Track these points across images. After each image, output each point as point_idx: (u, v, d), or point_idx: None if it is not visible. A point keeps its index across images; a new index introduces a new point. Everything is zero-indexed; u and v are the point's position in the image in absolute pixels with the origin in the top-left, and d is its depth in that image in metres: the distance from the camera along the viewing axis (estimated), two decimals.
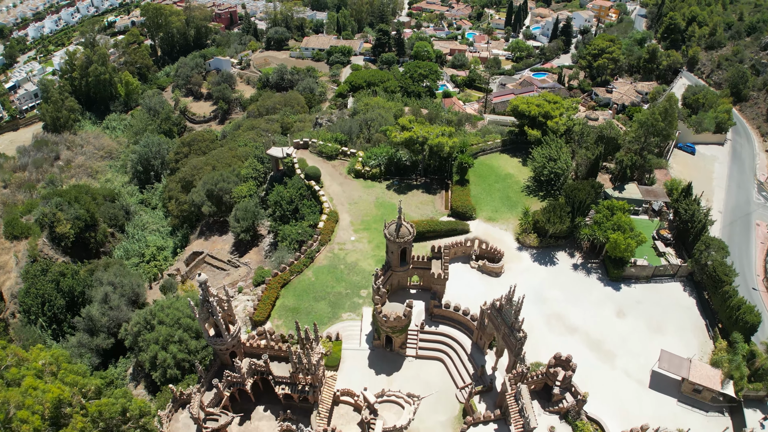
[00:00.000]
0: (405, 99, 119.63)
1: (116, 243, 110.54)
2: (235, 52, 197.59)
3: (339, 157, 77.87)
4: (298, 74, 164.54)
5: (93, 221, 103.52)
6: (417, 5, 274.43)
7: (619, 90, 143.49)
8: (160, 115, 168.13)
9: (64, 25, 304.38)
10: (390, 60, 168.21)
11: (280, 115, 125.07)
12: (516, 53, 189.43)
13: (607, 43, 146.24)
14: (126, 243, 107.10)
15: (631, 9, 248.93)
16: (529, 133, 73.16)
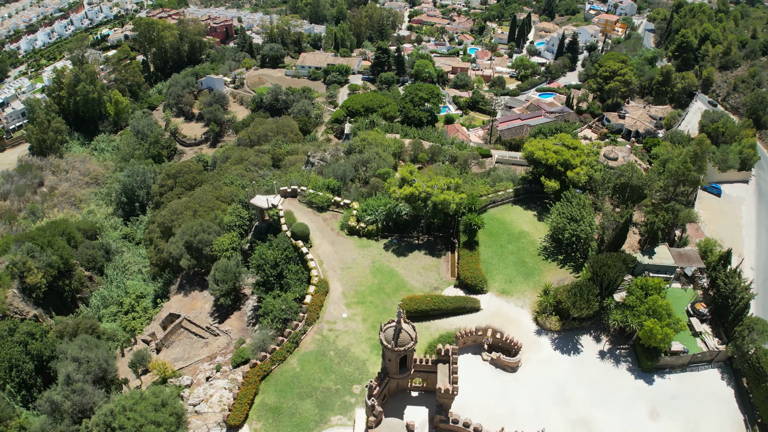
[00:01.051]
0: (405, 129, 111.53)
1: (94, 288, 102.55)
2: (229, 69, 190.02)
3: (331, 209, 69.61)
4: (293, 95, 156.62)
5: (67, 267, 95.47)
6: (417, 18, 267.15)
7: (632, 115, 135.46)
8: (148, 139, 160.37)
9: (57, 38, 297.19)
10: (389, 80, 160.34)
11: (272, 144, 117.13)
12: (520, 71, 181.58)
13: (618, 65, 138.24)
14: (104, 289, 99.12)
15: (637, 23, 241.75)
16: (547, 185, 64.91)
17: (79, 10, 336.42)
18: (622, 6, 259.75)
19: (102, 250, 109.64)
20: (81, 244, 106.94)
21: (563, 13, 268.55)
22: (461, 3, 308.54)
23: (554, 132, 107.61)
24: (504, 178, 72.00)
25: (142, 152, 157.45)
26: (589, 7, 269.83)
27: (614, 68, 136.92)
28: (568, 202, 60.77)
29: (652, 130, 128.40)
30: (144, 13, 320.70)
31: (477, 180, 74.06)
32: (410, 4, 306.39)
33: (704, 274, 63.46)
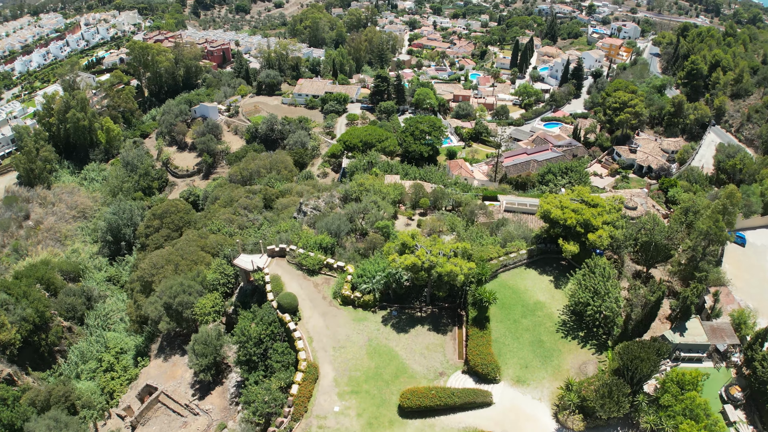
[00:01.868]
0: (406, 167, 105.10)
1: (73, 339, 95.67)
2: (224, 96, 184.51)
3: (323, 272, 62.72)
4: (290, 125, 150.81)
5: (44, 320, 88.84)
6: (417, 42, 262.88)
7: (644, 149, 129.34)
8: (138, 171, 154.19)
9: (52, 59, 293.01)
10: (389, 109, 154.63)
11: (264, 183, 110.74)
12: (524, 98, 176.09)
13: (628, 95, 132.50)
14: (84, 343, 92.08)
15: (641, 46, 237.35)
16: (565, 249, 58.12)
17: (76, 30, 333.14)
18: (626, 29, 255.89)
19: (83, 297, 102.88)
20: (61, 290, 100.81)
21: (565, 37, 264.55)
22: (462, 26, 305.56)
23: (564, 172, 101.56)
24: (515, 235, 65.18)
25: (132, 185, 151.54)
26: (591, 31, 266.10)
27: (624, 99, 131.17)
28: (591, 272, 53.92)
29: (665, 166, 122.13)
30: (141, 35, 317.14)
31: (485, 238, 67.26)
32: (410, 27, 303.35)
33: (738, 350, 56.71)
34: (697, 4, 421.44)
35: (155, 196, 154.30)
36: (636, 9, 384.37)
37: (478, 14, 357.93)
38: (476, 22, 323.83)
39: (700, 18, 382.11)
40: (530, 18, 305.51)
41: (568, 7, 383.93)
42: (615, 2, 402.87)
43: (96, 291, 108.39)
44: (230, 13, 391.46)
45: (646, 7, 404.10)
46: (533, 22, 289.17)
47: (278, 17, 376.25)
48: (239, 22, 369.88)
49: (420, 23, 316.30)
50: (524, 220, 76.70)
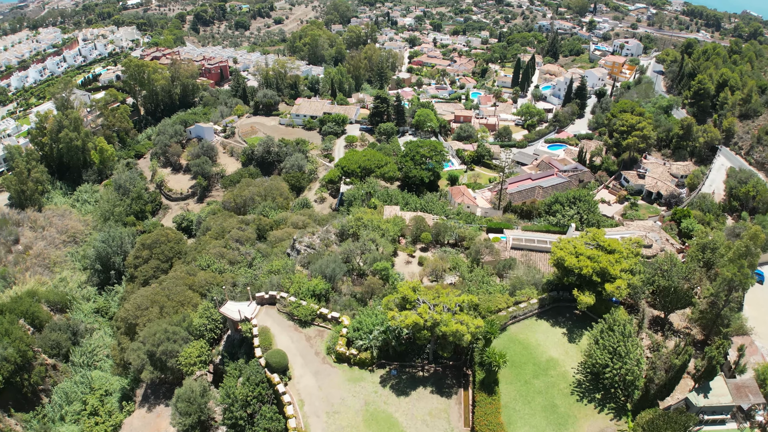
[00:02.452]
0: (406, 196, 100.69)
1: (58, 378, 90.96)
2: (221, 116, 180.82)
3: (316, 323, 57.91)
4: (286, 147, 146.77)
5: (26, 360, 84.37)
6: (417, 59, 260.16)
7: (652, 174, 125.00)
8: (130, 194, 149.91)
9: (49, 75, 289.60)
10: (389, 131, 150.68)
11: (258, 212, 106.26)
12: (527, 119, 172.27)
13: (636, 118, 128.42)
14: (68, 382, 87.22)
15: (644, 64, 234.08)
16: (580, 301, 53.37)
17: (73, 46, 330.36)
18: (628, 46, 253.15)
19: (68, 332, 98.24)
20: (46, 324, 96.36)
21: (567, 54, 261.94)
22: (462, 43, 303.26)
23: (572, 201, 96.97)
24: (525, 281, 60.45)
25: (123, 209, 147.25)
26: (593, 48, 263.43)
27: (632, 122, 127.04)
28: (610, 329, 49.11)
29: (675, 193, 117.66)
30: (140, 51, 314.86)
31: (492, 284, 62.46)
32: (410, 44, 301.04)
33: (762, 408, 51.84)
34: (697, 19, 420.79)
35: (148, 220, 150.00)
36: (636, 25, 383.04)
37: (479, 30, 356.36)
38: (476, 38, 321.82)
39: (701, 33, 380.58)
40: (531, 35, 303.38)
41: (569, 23, 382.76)
42: (615, 18, 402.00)
43: (82, 325, 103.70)
44: (229, 30, 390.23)
45: (646, 23, 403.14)
46: (534, 38, 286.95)
47: (278, 33, 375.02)
48: (238, 38, 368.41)
49: (420, 40, 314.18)
50: (533, 260, 72.05)
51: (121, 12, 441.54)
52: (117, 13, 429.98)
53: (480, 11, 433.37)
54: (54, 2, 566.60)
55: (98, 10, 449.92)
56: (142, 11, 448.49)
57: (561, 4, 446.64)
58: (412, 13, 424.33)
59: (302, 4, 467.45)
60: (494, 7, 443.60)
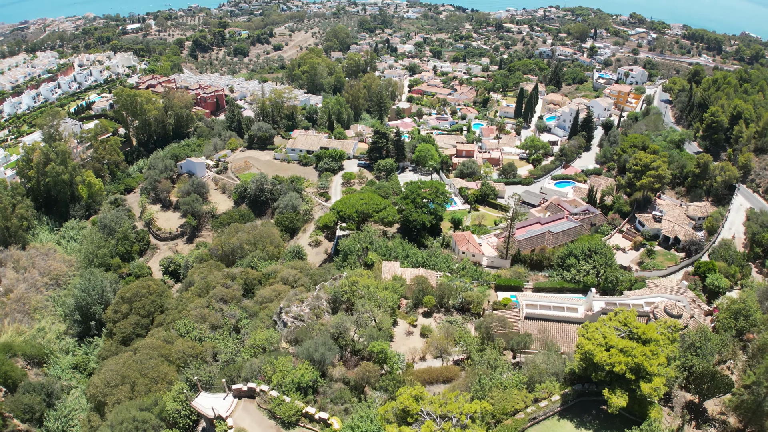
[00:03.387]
0: (407, 247, 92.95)
1: None
2: (214, 149, 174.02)
3: (302, 424, 49.42)
4: (281, 185, 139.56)
5: None
6: (417, 88, 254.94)
7: (669, 216, 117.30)
8: (116, 235, 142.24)
9: (42, 101, 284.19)
10: (388, 168, 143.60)
11: (246, 264, 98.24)
12: (531, 153, 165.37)
13: (650, 157, 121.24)
14: None
15: (650, 92, 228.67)
16: (611, 402, 45.12)
17: (68, 72, 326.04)
18: (633, 74, 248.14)
19: (43, 393, 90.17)
20: (21, 384, 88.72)
21: (570, 82, 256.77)
22: (462, 70, 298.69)
23: (588, 254, 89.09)
24: (544, 371, 52.14)
25: (108, 251, 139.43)
26: (597, 76, 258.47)
27: (646, 161, 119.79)
28: None
29: (695, 239, 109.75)
30: (136, 78, 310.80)
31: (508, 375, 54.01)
32: (410, 72, 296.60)
33: None
34: (698, 42, 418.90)
35: (134, 261, 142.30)
36: (637, 50, 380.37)
37: (479, 57, 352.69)
38: (477, 66, 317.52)
39: (703, 57, 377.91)
40: (532, 62, 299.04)
41: (569, 49, 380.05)
42: (616, 43, 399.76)
43: (59, 384, 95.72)
44: (228, 56, 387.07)
45: (647, 48, 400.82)
46: (536, 66, 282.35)
47: (277, 60, 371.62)
48: (237, 65, 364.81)
49: (420, 68, 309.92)
50: (551, 334, 63.78)
51: (120, 37, 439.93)
52: (116, 38, 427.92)
53: (480, 37, 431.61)
54: (55, 24, 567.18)
55: (97, 34, 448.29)
56: (142, 36, 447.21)
57: (561, 29, 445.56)
58: (411, 40, 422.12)
59: (302, 30, 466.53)
60: (494, 33, 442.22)
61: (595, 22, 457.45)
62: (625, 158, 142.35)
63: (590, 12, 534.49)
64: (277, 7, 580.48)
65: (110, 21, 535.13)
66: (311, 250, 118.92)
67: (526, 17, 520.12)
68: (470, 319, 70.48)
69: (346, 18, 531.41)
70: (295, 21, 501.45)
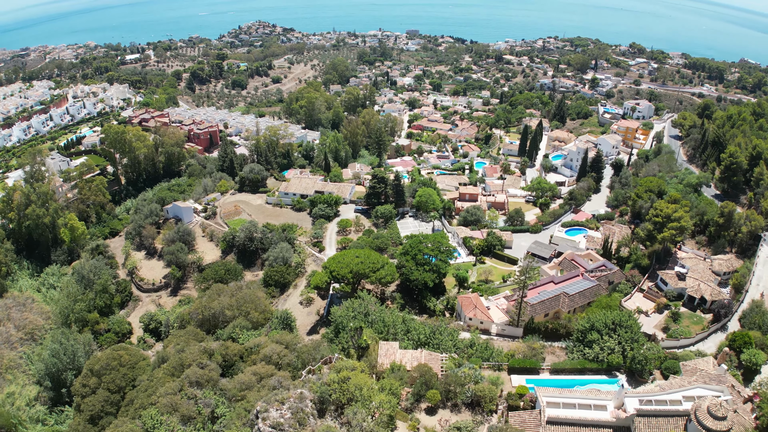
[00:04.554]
0: (407, 319, 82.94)
1: None
2: (204, 191, 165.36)
3: None
4: (271, 234, 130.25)
5: None
6: (417, 124, 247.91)
7: (693, 273, 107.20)
8: (94, 287, 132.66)
9: (33, 134, 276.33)
10: (387, 215, 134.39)
11: (227, 335, 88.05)
12: (539, 196, 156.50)
13: (671, 207, 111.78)
14: None
15: (659, 128, 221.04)
16: None
17: (62, 103, 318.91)
18: (640, 108, 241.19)
19: None
20: None
21: (575, 117, 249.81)
22: (462, 104, 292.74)
23: (612, 328, 79.04)
24: None
25: (86, 305, 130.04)
26: (602, 111, 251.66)
27: (667, 212, 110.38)
28: None
29: (724, 301, 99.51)
30: (130, 111, 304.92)
31: None
32: (410, 106, 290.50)
33: None
34: (699, 72, 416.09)
35: (114, 315, 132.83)
36: (639, 81, 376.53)
37: (479, 90, 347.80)
38: (477, 99, 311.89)
39: (705, 86, 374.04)
40: (534, 95, 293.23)
41: (571, 81, 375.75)
42: (617, 75, 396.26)
43: None
44: (226, 88, 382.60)
45: (649, 78, 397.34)
46: (538, 100, 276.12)
47: (275, 93, 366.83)
48: (234, 98, 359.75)
49: (420, 102, 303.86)
50: None
51: (118, 67, 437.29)
52: (114, 68, 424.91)
53: (480, 70, 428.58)
54: (55, 52, 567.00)
55: (96, 64, 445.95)
56: (141, 66, 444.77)
57: (561, 60, 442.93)
58: (411, 72, 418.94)
59: (301, 62, 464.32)
60: (494, 65, 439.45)
61: (595, 53, 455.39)
62: (641, 204, 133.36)
63: (589, 42, 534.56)
64: (277, 38, 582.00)
65: (111, 50, 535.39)
66: (302, 310, 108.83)
67: (526, 48, 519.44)
68: (482, 420, 59.98)
69: (346, 50, 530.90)
70: (295, 53, 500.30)
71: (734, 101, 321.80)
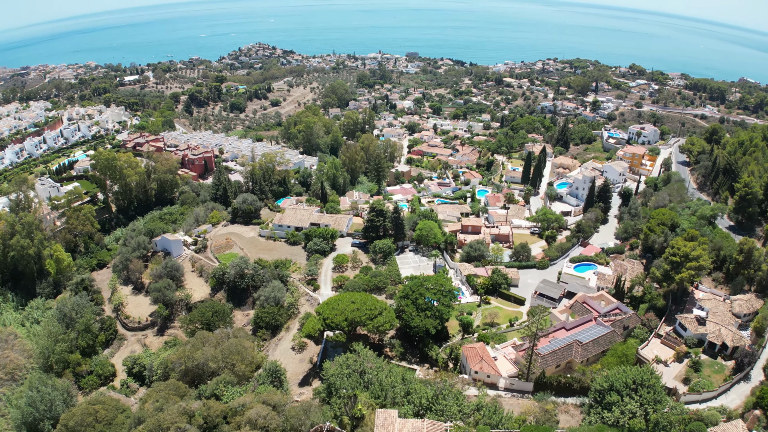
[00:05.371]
0: (408, 376, 75.41)
1: None
2: (195, 221, 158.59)
3: None
4: (263, 271, 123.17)
5: None
6: (417, 149, 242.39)
7: (713, 317, 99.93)
8: (76, 326, 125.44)
9: (26, 157, 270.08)
10: (386, 250, 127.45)
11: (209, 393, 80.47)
12: (545, 227, 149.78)
13: (689, 245, 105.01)
14: None
15: (666, 154, 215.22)
16: None
17: (56, 126, 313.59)
18: (645, 133, 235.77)
19: None
20: None
21: (578, 142, 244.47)
22: (463, 128, 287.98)
23: (633, 389, 71.53)
24: None
25: (67, 345, 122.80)
26: (607, 135, 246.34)
27: (685, 251, 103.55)
28: None
29: (748, 348, 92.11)
30: (125, 134, 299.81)
31: None
32: (409, 131, 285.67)
33: None
34: (701, 92, 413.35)
35: (98, 356, 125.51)
36: (641, 103, 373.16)
37: (479, 113, 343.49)
38: (478, 123, 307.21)
39: (708, 108, 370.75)
40: (536, 119, 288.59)
41: (572, 104, 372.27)
42: (618, 97, 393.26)
43: None
44: (224, 111, 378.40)
45: (650, 100, 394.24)
46: (540, 124, 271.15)
47: (274, 116, 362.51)
48: (232, 121, 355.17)
49: (420, 126, 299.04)
50: None
51: (117, 88, 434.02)
52: (113, 89, 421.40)
53: (480, 92, 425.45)
54: (55, 72, 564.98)
55: (94, 85, 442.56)
56: (139, 88, 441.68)
57: (561, 83, 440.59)
58: (411, 95, 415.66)
59: (301, 85, 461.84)
60: (494, 88, 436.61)
61: (595, 75, 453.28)
62: (653, 239, 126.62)
63: (588, 64, 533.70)
64: (277, 60, 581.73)
65: (111, 71, 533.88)
66: (294, 357, 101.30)
67: (525, 70, 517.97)
68: None
69: (346, 73, 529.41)
70: (295, 75, 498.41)
71: (738, 122, 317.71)
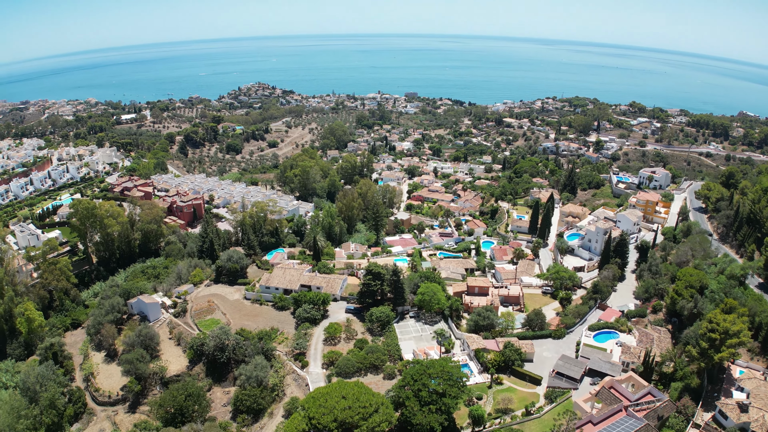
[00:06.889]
0: None
1: None
2: (178, 279, 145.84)
3: None
4: (246, 343, 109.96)
5: None
6: (417, 194, 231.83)
7: (755, 400, 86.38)
8: (41, 402, 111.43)
9: (11, 199, 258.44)
10: (383, 319, 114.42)
11: None
12: (558, 287, 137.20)
13: (729, 318, 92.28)
14: None
15: (679, 198, 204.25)
16: None
17: (45, 166, 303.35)
18: (657, 177, 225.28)
19: None
20: None
21: (586, 188, 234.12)
22: (464, 171, 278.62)
23: None
24: None
25: (30, 422, 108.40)
26: (616, 180, 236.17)
27: (725, 326, 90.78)
28: None
29: None
30: (115, 176, 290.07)
31: None
32: (409, 175, 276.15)
33: None
34: (704, 129, 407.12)
35: None
36: (644, 142, 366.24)
37: (480, 155, 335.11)
38: (479, 165, 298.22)
39: (712, 145, 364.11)
40: (538, 160, 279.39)
41: (574, 144, 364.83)
42: (621, 136, 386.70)
43: None
44: (220, 153, 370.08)
45: (653, 138, 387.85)
46: (544, 167, 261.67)
47: (271, 158, 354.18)
48: (228, 163, 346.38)
49: (419, 169, 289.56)
50: None
51: (113, 127, 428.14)
52: (109, 128, 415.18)
53: (480, 133, 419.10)
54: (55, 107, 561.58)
55: (90, 123, 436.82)
56: (136, 127, 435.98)
57: (562, 122, 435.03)
58: (410, 137, 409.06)
59: (299, 126, 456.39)
60: (494, 128, 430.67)
61: (595, 113, 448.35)
62: (683, 305, 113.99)
63: (588, 102, 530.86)
64: (276, 100, 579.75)
65: (110, 108, 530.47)
66: None
67: (524, 109, 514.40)
68: None
69: (345, 113, 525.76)
70: (293, 115, 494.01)
71: (744, 160, 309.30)
